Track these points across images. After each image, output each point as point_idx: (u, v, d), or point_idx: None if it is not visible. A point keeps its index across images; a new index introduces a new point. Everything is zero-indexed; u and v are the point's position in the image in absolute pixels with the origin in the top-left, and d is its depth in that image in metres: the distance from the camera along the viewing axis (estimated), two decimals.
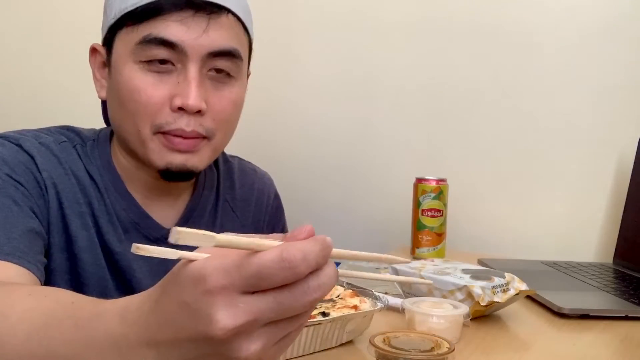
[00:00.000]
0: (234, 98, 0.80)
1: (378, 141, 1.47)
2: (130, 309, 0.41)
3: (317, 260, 0.37)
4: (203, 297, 0.36)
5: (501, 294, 0.79)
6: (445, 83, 1.41)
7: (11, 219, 0.68)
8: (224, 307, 0.36)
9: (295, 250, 0.36)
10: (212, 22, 0.75)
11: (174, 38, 0.73)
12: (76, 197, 0.77)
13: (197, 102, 0.74)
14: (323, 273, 0.37)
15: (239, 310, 0.36)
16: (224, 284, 0.36)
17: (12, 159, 0.73)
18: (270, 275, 0.36)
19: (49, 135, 0.80)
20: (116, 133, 0.82)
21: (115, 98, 0.78)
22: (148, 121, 0.75)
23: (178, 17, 0.73)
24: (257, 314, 0.36)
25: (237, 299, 0.36)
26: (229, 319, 0.36)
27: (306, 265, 0.36)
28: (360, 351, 0.69)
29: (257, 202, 0.98)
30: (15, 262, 0.65)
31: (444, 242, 1.21)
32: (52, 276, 0.75)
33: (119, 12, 0.76)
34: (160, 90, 0.75)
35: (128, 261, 0.80)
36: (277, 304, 0.36)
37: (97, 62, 0.82)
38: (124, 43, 0.76)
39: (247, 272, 0.36)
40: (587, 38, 1.30)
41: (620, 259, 1.21)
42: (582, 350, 0.73)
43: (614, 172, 1.30)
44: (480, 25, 1.37)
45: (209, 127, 0.77)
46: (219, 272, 0.36)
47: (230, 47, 0.77)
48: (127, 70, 0.75)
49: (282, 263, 0.36)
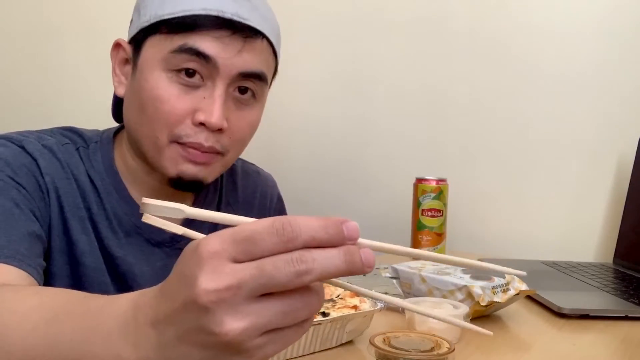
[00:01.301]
0: (252, 120, 0.81)
1: (378, 141, 1.47)
2: (145, 293, 0.41)
3: (311, 233, 0.36)
4: (193, 262, 0.36)
5: (501, 294, 0.79)
6: (446, 83, 1.41)
7: (12, 222, 0.68)
8: (210, 271, 0.35)
9: (286, 218, 0.36)
10: (247, 45, 0.76)
11: (210, 52, 0.73)
12: (76, 201, 0.77)
13: (219, 120, 0.75)
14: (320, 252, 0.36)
15: (222, 275, 0.35)
16: (216, 249, 0.36)
17: (14, 161, 0.73)
18: (260, 240, 0.35)
19: (52, 137, 0.79)
20: (129, 134, 0.81)
21: (135, 100, 0.77)
22: (166, 130, 0.75)
23: (215, 34, 0.74)
24: (240, 279, 0.35)
25: (225, 265, 0.35)
26: (211, 282, 0.35)
27: (294, 234, 0.35)
28: (360, 351, 0.69)
29: (260, 204, 0.98)
30: (15, 264, 0.64)
31: (444, 242, 1.21)
32: (53, 280, 0.75)
33: (154, 17, 0.75)
34: (184, 102, 0.75)
35: (129, 265, 0.79)
36: (258, 270, 0.35)
37: (119, 58, 0.81)
38: (155, 49, 0.75)
39: (238, 236, 0.36)
40: (587, 38, 1.29)
41: (620, 259, 1.21)
42: (582, 350, 0.73)
43: (614, 172, 1.29)
44: (480, 26, 1.37)
45: (225, 144, 0.78)
46: (213, 238, 0.36)
47: (260, 70, 0.78)
48: (154, 77, 0.75)
49: (272, 228, 0.35)
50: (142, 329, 0.39)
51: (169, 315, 0.38)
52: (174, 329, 0.38)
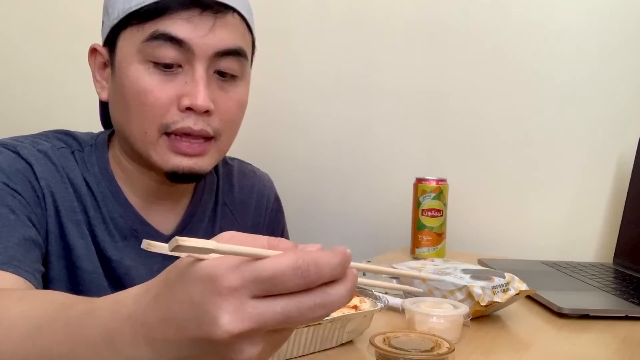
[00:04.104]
0: (239, 98, 0.80)
1: (378, 141, 1.47)
2: (124, 302, 0.41)
3: (331, 273, 0.36)
4: (212, 298, 0.35)
5: (501, 294, 0.79)
6: (446, 83, 1.41)
7: (8, 228, 0.68)
8: (232, 310, 0.35)
9: (310, 258, 0.36)
10: (219, 21, 0.75)
11: (182, 35, 0.73)
12: (72, 205, 0.77)
13: (205, 102, 0.74)
14: (334, 291, 0.37)
15: (245, 316, 0.35)
16: (236, 285, 0.35)
17: (9, 166, 0.73)
18: (283, 281, 0.35)
19: (46, 142, 0.79)
20: (120, 136, 0.81)
21: (119, 100, 0.77)
22: (155, 122, 0.75)
23: (185, 15, 0.73)
24: (262, 323, 0.36)
25: (246, 304, 0.35)
26: (234, 323, 0.35)
27: (318, 276, 0.36)
28: (360, 351, 0.69)
29: (256, 204, 0.97)
30: (12, 271, 0.64)
31: (444, 242, 1.21)
32: (51, 284, 0.74)
33: (123, 12, 0.75)
34: (167, 90, 0.74)
35: (125, 269, 0.79)
36: (283, 316, 0.36)
37: (97, 63, 0.81)
38: (128, 43, 0.75)
39: (260, 275, 0.35)
40: (587, 38, 1.29)
41: (620, 259, 1.21)
42: (582, 350, 0.73)
43: (614, 172, 1.29)
44: (480, 27, 1.37)
45: (216, 127, 0.77)
46: (231, 273, 0.36)
47: (237, 46, 0.77)
48: (132, 71, 0.75)
49: (296, 270, 0.35)
50: (131, 345, 0.39)
51: (172, 339, 0.38)
52: (176, 350, 0.38)
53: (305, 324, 0.38)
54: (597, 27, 1.29)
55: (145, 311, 0.39)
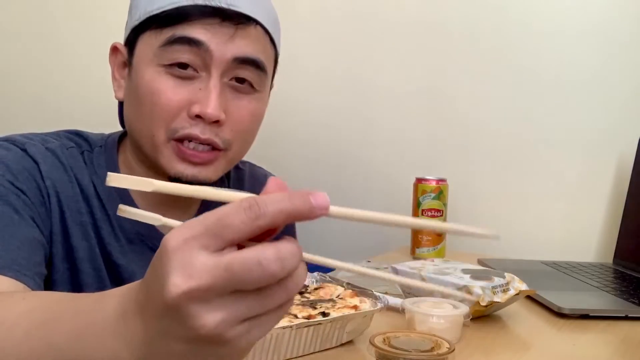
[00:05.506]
0: (253, 110, 0.78)
1: (378, 141, 1.47)
2: (131, 287, 0.40)
3: (278, 207, 0.35)
4: (161, 260, 0.35)
5: (501, 294, 0.79)
6: (446, 83, 1.41)
7: (11, 228, 0.67)
8: (178, 266, 0.34)
9: (253, 197, 0.35)
10: (239, 31, 0.74)
11: (202, 37, 0.72)
12: (78, 206, 0.76)
13: (216, 111, 0.73)
14: (287, 244, 0.35)
15: (194, 272, 0.34)
16: (185, 237, 0.35)
17: (15, 164, 0.72)
18: (229, 221, 0.34)
19: (56, 140, 0.78)
20: (130, 136, 0.81)
21: (133, 100, 0.77)
22: (163, 125, 0.74)
23: (205, 23, 0.73)
24: (212, 279, 0.34)
25: (195, 258, 0.34)
26: (181, 278, 0.34)
27: (263, 210, 0.35)
28: (360, 351, 0.69)
29: None
30: (11, 275, 0.63)
31: (444, 242, 1.21)
32: (54, 287, 0.74)
33: (144, 15, 0.75)
34: (179, 94, 0.74)
35: (130, 273, 0.78)
36: (234, 273, 0.34)
37: (118, 62, 0.81)
38: (147, 46, 0.75)
39: (207, 220, 0.35)
40: (587, 38, 1.29)
41: (620, 259, 1.21)
42: (582, 350, 0.73)
43: (614, 172, 1.29)
44: (480, 26, 1.37)
45: (226, 138, 0.76)
46: (180, 228, 0.35)
47: (256, 57, 0.76)
48: (148, 73, 0.74)
49: (239, 207, 0.35)
50: (130, 325, 0.39)
51: (150, 310, 0.37)
52: (156, 323, 0.37)
53: (263, 284, 0.35)
54: (597, 27, 1.29)
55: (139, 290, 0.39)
